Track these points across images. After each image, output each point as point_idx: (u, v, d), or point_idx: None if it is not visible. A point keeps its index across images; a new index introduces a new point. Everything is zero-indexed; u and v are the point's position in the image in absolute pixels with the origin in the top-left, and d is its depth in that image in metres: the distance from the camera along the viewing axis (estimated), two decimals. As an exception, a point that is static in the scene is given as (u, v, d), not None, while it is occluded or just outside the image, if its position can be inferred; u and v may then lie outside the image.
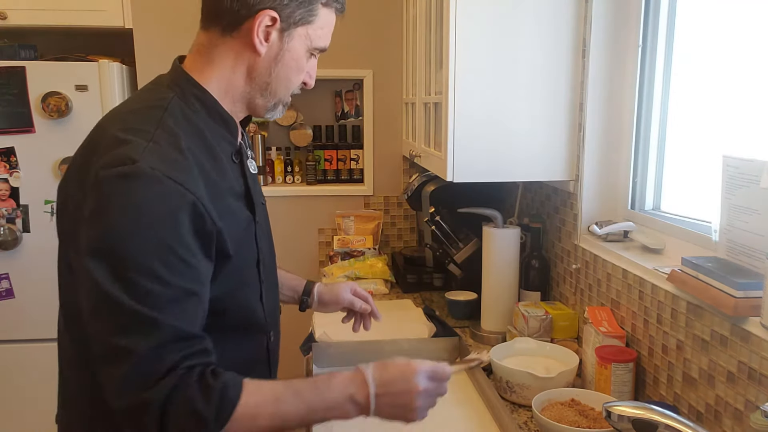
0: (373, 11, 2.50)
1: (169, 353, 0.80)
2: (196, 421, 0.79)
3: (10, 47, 2.39)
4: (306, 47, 0.97)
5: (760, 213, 1.00)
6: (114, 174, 0.81)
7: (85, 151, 0.91)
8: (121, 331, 0.79)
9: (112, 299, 0.79)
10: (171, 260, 0.81)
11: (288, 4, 0.92)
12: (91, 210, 0.82)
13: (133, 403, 0.79)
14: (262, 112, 1.01)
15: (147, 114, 0.90)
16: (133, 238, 0.80)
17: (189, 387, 0.80)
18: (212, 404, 0.80)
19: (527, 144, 1.57)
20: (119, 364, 0.79)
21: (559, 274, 1.75)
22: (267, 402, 0.86)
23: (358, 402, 0.90)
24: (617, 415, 0.87)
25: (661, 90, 1.46)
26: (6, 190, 2.35)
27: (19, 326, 2.42)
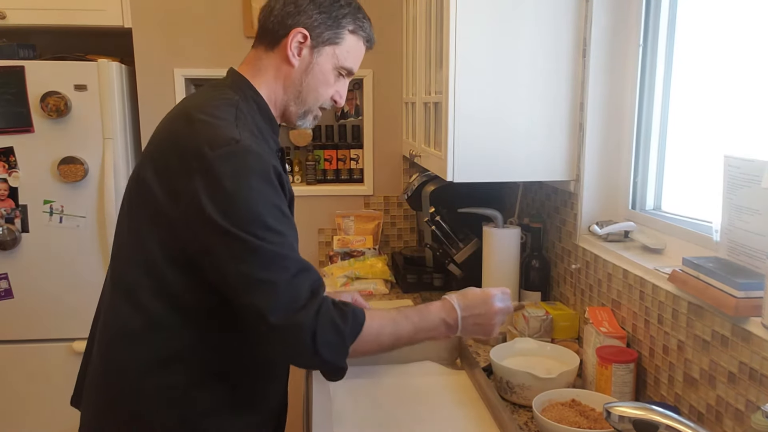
0: (373, 11, 2.48)
1: (303, 282, 0.99)
2: (338, 334, 1.00)
3: (8, 47, 2.38)
4: (333, 65, 1.15)
5: (761, 213, 1.00)
6: (224, 152, 0.97)
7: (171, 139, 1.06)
8: (263, 268, 0.97)
9: (250, 245, 0.96)
10: (278, 214, 1.00)
11: (318, 26, 1.11)
12: (209, 182, 0.96)
13: (288, 323, 0.97)
14: (294, 119, 1.18)
15: (224, 107, 1.07)
16: (251, 200, 0.97)
17: (329, 310, 1.00)
18: (347, 322, 1.02)
19: (527, 144, 1.57)
20: (266, 294, 0.97)
21: (559, 274, 1.75)
22: (386, 323, 1.09)
23: (449, 323, 1.14)
24: (618, 416, 0.87)
25: (661, 89, 1.46)
26: (5, 190, 2.35)
27: (18, 326, 2.42)
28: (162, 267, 1.03)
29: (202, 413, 1.08)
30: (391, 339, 1.10)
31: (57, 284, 2.40)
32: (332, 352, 1.00)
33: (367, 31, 1.18)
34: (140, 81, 2.48)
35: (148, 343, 1.05)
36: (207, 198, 0.96)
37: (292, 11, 1.11)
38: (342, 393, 1.41)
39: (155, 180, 1.03)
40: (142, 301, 1.04)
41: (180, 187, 0.99)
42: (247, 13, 2.46)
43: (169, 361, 1.05)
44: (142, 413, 1.06)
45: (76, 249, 2.40)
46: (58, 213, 2.38)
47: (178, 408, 1.06)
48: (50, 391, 2.45)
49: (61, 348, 2.44)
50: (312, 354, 0.98)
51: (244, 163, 0.98)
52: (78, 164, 2.34)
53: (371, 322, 1.06)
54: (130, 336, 1.06)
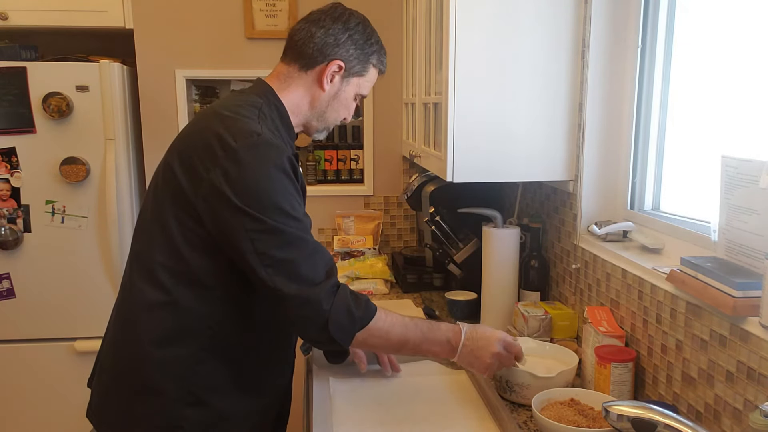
0: (373, 11, 2.49)
1: (318, 261, 1.10)
2: (350, 317, 1.10)
3: (11, 48, 2.39)
4: (355, 92, 1.29)
5: (759, 213, 1.00)
6: (246, 143, 1.07)
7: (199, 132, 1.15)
8: (280, 248, 1.07)
9: (268, 226, 1.05)
10: (293, 202, 1.09)
11: (351, 60, 1.25)
12: (231, 170, 1.05)
13: (305, 296, 1.06)
14: (312, 132, 1.32)
15: (248, 107, 1.17)
16: (269, 187, 1.06)
17: (346, 294, 1.11)
18: (360, 308, 1.12)
19: (527, 144, 1.57)
20: (285, 270, 1.06)
21: (558, 274, 1.75)
22: (397, 324, 1.18)
23: (452, 345, 1.23)
24: (616, 415, 0.87)
25: (660, 90, 1.47)
26: (7, 191, 2.36)
27: (20, 326, 2.43)
28: (181, 248, 1.11)
29: (208, 388, 1.15)
30: (399, 339, 1.19)
31: (59, 284, 2.41)
32: (341, 331, 1.10)
33: (384, 64, 1.33)
34: (141, 82, 2.49)
35: (161, 318, 1.13)
36: (228, 184, 1.05)
37: (332, 43, 1.23)
38: (342, 393, 1.41)
39: (180, 168, 1.11)
40: (160, 279, 1.13)
41: (202, 173, 1.08)
42: (248, 14, 2.47)
43: (181, 337, 1.13)
44: (151, 384, 1.13)
45: (77, 249, 2.41)
46: (59, 213, 2.39)
47: (186, 381, 1.14)
48: (52, 390, 2.46)
49: (63, 347, 2.44)
50: (321, 329, 1.08)
51: (265, 154, 1.07)
52: (80, 164, 2.34)
53: (384, 317, 1.17)
54: (144, 310, 1.14)
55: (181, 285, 1.12)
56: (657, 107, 1.48)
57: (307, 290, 1.07)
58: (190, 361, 1.14)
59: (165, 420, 1.14)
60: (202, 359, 1.15)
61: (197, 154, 1.10)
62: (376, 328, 1.15)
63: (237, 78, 2.58)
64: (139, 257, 1.18)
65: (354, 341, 1.14)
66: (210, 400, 1.16)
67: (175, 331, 1.13)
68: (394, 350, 1.24)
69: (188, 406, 1.14)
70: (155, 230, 1.15)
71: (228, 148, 1.07)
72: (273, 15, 2.48)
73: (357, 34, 1.25)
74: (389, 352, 1.25)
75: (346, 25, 1.24)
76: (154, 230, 1.15)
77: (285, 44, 1.28)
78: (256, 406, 1.23)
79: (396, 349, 1.23)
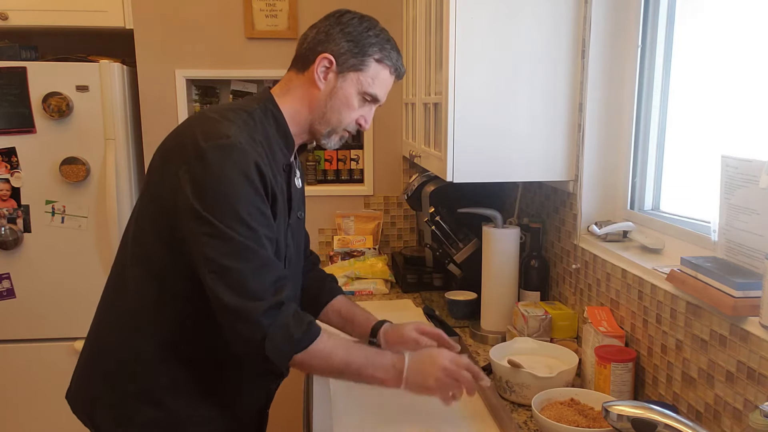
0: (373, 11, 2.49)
1: (264, 276, 1.06)
2: (287, 340, 1.06)
3: (11, 48, 2.39)
4: (357, 90, 1.21)
5: (759, 213, 1.00)
6: (213, 145, 1.06)
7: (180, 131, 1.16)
8: (228, 256, 1.03)
9: (219, 231, 1.03)
10: (252, 210, 1.06)
11: (344, 53, 1.18)
12: (195, 170, 1.05)
13: (243, 311, 1.03)
14: (319, 137, 1.26)
15: (237, 111, 1.15)
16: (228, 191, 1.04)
17: (288, 313, 1.07)
18: (301, 329, 1.07)
19: (527, 144, 1.57)
20: (227, 279, 1.03)
21: (558, 274, 1.75)
22: (340, 346, 1.14)
23: (397, 369, 1.16)
24: (616, 415, 0.87)
25: (660, 90, 1.47)
26: (7, 191, 2.36)
27: (20, 326, 2.43)
28: (152, 245, 1.14)
29: (166, 389, 1.16)
30: (341, 362, 1.13)
31: (59, 284, 2.41)
32: (277, 353, 1.06)
33: (395, 61, 1.24)
34: (141, 82, 2.49)
35: (129, 312, 1.17)
36: (190, 183, 1.05)
37: (323, 39, 1.19)
38: (342, 393, 1.41)
39: (159, 165, 1.13)
40: (132, 272, 1.16)
41: (175, 170, 1.08)
42: (248, 14, 2.47)
43: (145, 332, 1.15)
44: (114, 376, 1.18)
45: (77, 249, 2.41)
46: (59, 213, 2.39)
47: (145, 378, 1.16)
48: (52, 390, 2.45)
49: (63, 347, 2.44)
50: (257, 347, 1.05)
51: (229, 157, 1.05)
52: (80, 164, 2.34)
53: (327, 340, 1.12)
54: (115, 302, 1.20)
55: (148, 280, 1.14)
56: (657, 107, 1.48)
57: (247, 305, 1.03)
58: (152, 357, 1.15)
59: (120, 413, 1.17)
60: (164, 358, 1.15)
61: (174, 152, 1.11)
62: (317, 350, 1.10)
63: (237, 78, 2.58)
64: (119, 254, 1.22)
65: (300, 366, 1.11)
66: (167, 401, 1.16)
67: (138, 323, 1.15)
68: (335, 374, 1.16)
69: (144, 403, 1.15)
70: (133, 226, 1.19)
71: (197, 147, 1.06)
72: (273, 15, 2.48)
73: (351, 26, 1.19)
74: (329, 376, 1.19)
75: (339, 20, 1.20)
76: (132, 226, 1.20)
77: None
78: (222, 423, 1.21)
79: (337, 373, 1.15)
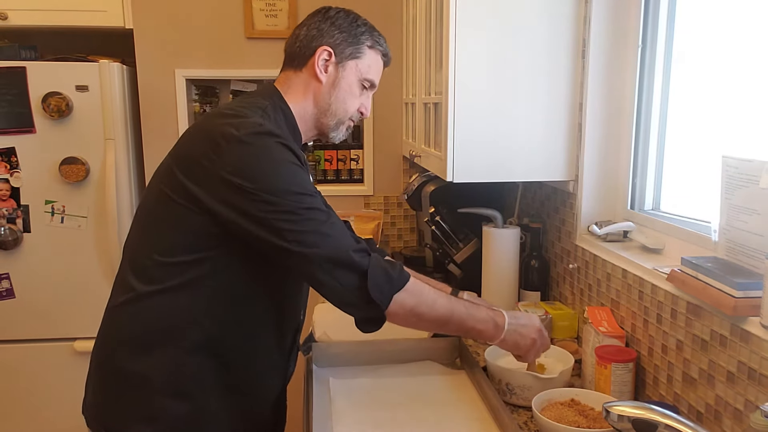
0: (373, 11, 2.49)
1: (341, 228, 1.11)
2: (387, 276, 1.10)
3: (10, 47, 2.39)
4: (357, 77, 1.26)
5: (760, 213, 1.00)
6: (250, 132, 1.07)
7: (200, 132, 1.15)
8: (305, 221, 1.07)
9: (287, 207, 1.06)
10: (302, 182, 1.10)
11: (340, 44, 1.23)
12: (236, 158, 1.06)
13: (340, 261, 1.07)
14: (327, 131, 1.28)
15: (251, 107, 1.16)
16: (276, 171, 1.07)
17: (379, 258, 1.12)
18: (397, 270, 1.12)
19: (527, 144, 1.57)
20: (316, 242, 1.06)
21: (558, 274, 1.75)
22: (441, 294, 1.18)
23: (497, 323, 1.21)
24: (617, 415, 0.87)
25: (660, 90, 1.47)
26: (6, 191, 2.36)
27: (19, 326, 2.43)
28: (178, 244, 1.11)
29: (194, 382, 1.15)
30: (446, 311, 1.17)
31: (58, 284, 2.41)
32: (379, 291, 1.09)
33: (384, 46, 1.29)
34: (141, 81, 2.48)
35: (152, 311, 1.13)
36: (236, 172, 1.05)
37: (316, 34, 1.23)
38: (342, 393, 1.41)
39: (182, 166, 1.11)
40: (152, 274, 1.12)
41: (207, 165, 1.07)
42: (248, 14, 2.47)
43: (170, 329, 1.13)
44: (137, 375, 1.13)
45: (77, 249, 2.40)
46: (59, 213, 2.39)
47: (172, 372, 1.13)
48: (52, 390, 2.45)
49: (63, 348, 2.44)
50: (359, 288, 1.08)
51: (268, 140, 1.08)
52: (79, 164, 2.34)
53: (429, 289, 1.16)
54: (135, 303, 1.14)
55: (173, 277, 1.12)
56: (657, 107, 1.48)
57: (339, 251, 1.07)
58: (176, 352, 1.13)
59: (146, 411, 1.14)
60: (191, 352, 1.14)
61: (199, 149, 1.09)
62: (422, 295, 1.13)
63: (237, 78, 2.58)
64: (132, 256, 1.18)
65: (401, 309, 1.11)
66: (194, 393, 1.15)
67: (164, 321, 1.13)
68: (440, 324, 1.18)
69: (170, 397, 1.14)
70: (149, 228, 1.16)
71: (231, 137, 1.06)
72: (273, 15, 2.48)
73: (340, 19, 1.24)
74: (433, 326, 1.21)
75: (326, 15, 1.25)
76: (148, 228, 1.16)
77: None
78: (243, 411, 1.21)
79: (442, 323, 1.18)
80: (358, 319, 1.14)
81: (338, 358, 1.55)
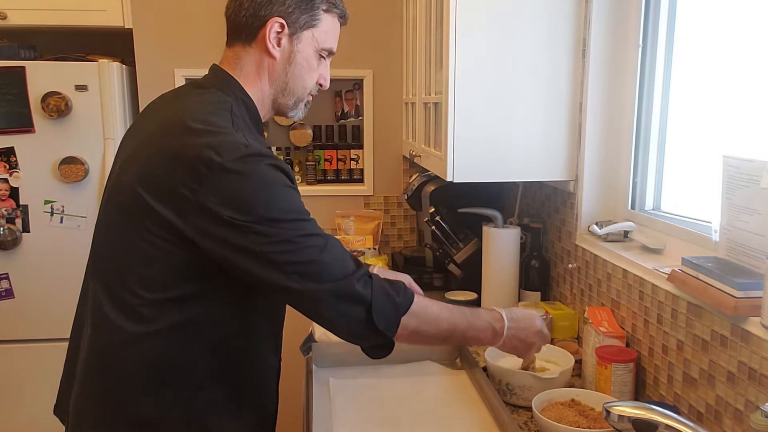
0: (373, 11, 2.50)
1: (342, 253, 1.02)
2: (391, 302, 1.03)
3: (9, 47, 2.38)
4: (314, 48, 1.12)
5: (761, 213, 1.00)
6: (235, 158, 0.94)
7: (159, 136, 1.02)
8: (301, 251, 0.97)
9: (282, 237, 0.96)
10: (296, 203, 1.00)
11: (292, 12, 1.07)
12: (222, 188, 0.94)
13: (342, 292, 0.99)
14: (286, 111, 1.16)
15: (219, 113, 1.03)
16: (269, 197, 0.96)
17: (381, 281, 1.04)
18: (400, 293, 1.05)
19: (527, 144, 1.57)
20: (312, 274, 0.98)
21: (559, 274, 1.75)
22: (443, 308, 1.12)
23: (496, 330, 1.16)
24: (617, 415, 0.87)
25: (661, 90, 1.46)
26: (6, 190, 2.35)
27: (19, 326, 2.42)
28: (171, 281, 1.00)
29: (208, 411, 1.07)
30: (449, 326, 1.11)
31: (58, 284, 2.41)
32: (385, 320, 1.02)
33: (340, 6, 1.14)
34: (141, 81, 2.48)
35: (149, 352, 1.02)
36: (224, 203, 0.93)
37: (264, 2, 1.06)
38: (342, 393, 1.41)
39: (156, 195, 0.97)
40: (142, 313, 1.01)
41: (188, 194, 0.94)
42: (248, 14, 2.46)
43: (173, 368, 1.04)
44: (149, 422, 1.04)
45: (76, 249, 2.40)
46: (58, 213, 2.38)
47: (184, 409, 1.05)
48: (51, 390, 2.44)
49: (62, 348, 2.40)
50: (365, 321, 1.01)
51: (256, 166, 0.96)
52: (79, 164, 2.34)
53: (430, 303, 1.10)
54: (130, 346, 1.02)
55: (168, 314, 1.01)
56: (658, 106, 1.48)
57: (341, 284, 0.99)
58: (184, 389, 1.05)
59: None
60: (198, 385, 1.06)
61: (174, 176, 0.95)
62: (425, 314, 1.07)
63: (236, 77, 2.57)
64: (112, 290, 1.03)
65: (405, 330, 1.05)
66: (207, 423, 1.08)
67: (166, 361, 1.03)
68: (443, 339, 1.13)
69: (185, 429, 1.06)
70: (131, 262, 1.01)
71: (213, 164, 0.93)
72: (272, 14, 2.47)
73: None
74: (437, 342, 1.15)
75: None
76: (129, 262, 1.01)
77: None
78: (252, 421, 1.16)
79: (444, 338, 1.13)
80: (366, 348, 1.09)
81: (338, 358, 1.55)
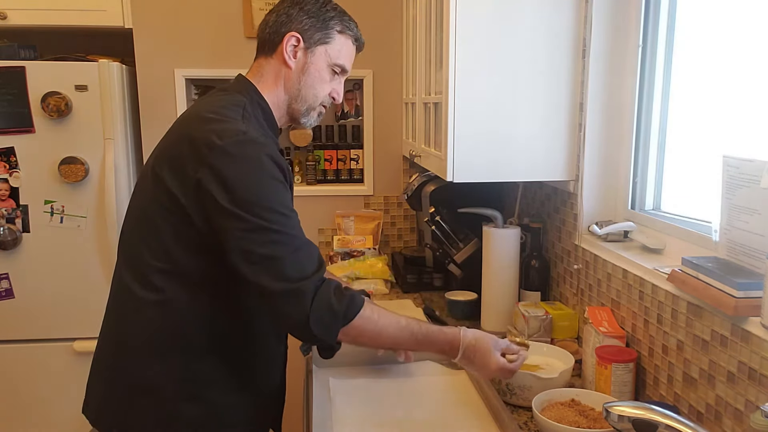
0: (373, 11, 2.50)
1: (305, 257, 1.08)
2: (332, 313, 1.07)
3: (9, 47, 2.38)
4: (326, 62, 1.26)
5: (761, 213, 1.00)
6: (232, 142, 1.06)
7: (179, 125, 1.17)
8: (266, 245, 1.05)
9: (253, 224, 1.04)
10: (281, 198, 1.08)
11: (308, 29, 1.23)
12: (217, 169, 1.05)
13: (288, 292, 1.05)
14: (298, 117, 1.29)
15: (231, 107, 1.16)
16: (255, 184, 1.06)
17: (329, 288, 1.08)
18: (343, 303, 1.09)
19: (527, 144, 1.57)
20: (269, 268, 1.05)
21: (559, 274, 1.75)
22: (391, 321, 1.16)
23: (454, 346, 1.21)
24: (617, 415, 0.87)
25: (661, 90, 1.46)
26: (6, 190, 2.35)
27: (19, 326, 2.42)
28: (173, 250, 1.11)
29: (205, 384, 1.17)
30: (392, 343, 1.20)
31: (58, 284, 2.41)
32: (322, 328, 1.08)
33: (354, 31, 1.29)
34: (141, 81, 2.48)
35: (156, 318, 1.14)
36: (216, 182, 1.05)
37: (285, 20, 1.24)
38: (342, 393, 1.41)
39: (168, 172, 1.10)
40: (153, 281, 1.13)
41: (191, 173, 1.07)
42: (247, 14, 2.47)
43: (176, 335, 1.14)
44: (147, 383, 1.14)
45: (76, 249, 2.40)
46: (58, 213, 2.38)
47: (182, 378, 1.15)
48: (51, 390, 2.45)
49: (62, 348, 2.44)
50: (303, 325, 1.06)
51: (251, 151, 1.07)
52: (79, 164, 2.34)
53: (377, 319, 1.15)
54: (138, 311, 1.14)
55: (174, 285, 1.13)
56: (658, 107, 1.48)
57: (290, 286, 1.05)
58: (186, 358, 1.15)
59: (162, 416, 1.15)
60: (199, 356, 1.16)
61: (183, 157, 1.09)
62: (366, 328, 1.13)
63: (236, 77, 2.57)
64: (131, 260, 1.18)
65: (345, 338, 1.13)
66: (207, 395, 1.17)
67: (171, 330, 1.14)
68: (388, 348, 1.27)
69: (185, 401, 1.15)
70: (146, 234, 1.15)
71: (214, 146, 1.06)
72: (272, 14, 2.47)
73: (308, 4, 1.24)
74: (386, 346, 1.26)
75: (295, 0, 1.25)
76: (144, 234, 1.16)
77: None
78: (253, 401, 1.24)
79: (389, 348, 1.26)
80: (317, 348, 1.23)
81: (338, 358, 1.54)
